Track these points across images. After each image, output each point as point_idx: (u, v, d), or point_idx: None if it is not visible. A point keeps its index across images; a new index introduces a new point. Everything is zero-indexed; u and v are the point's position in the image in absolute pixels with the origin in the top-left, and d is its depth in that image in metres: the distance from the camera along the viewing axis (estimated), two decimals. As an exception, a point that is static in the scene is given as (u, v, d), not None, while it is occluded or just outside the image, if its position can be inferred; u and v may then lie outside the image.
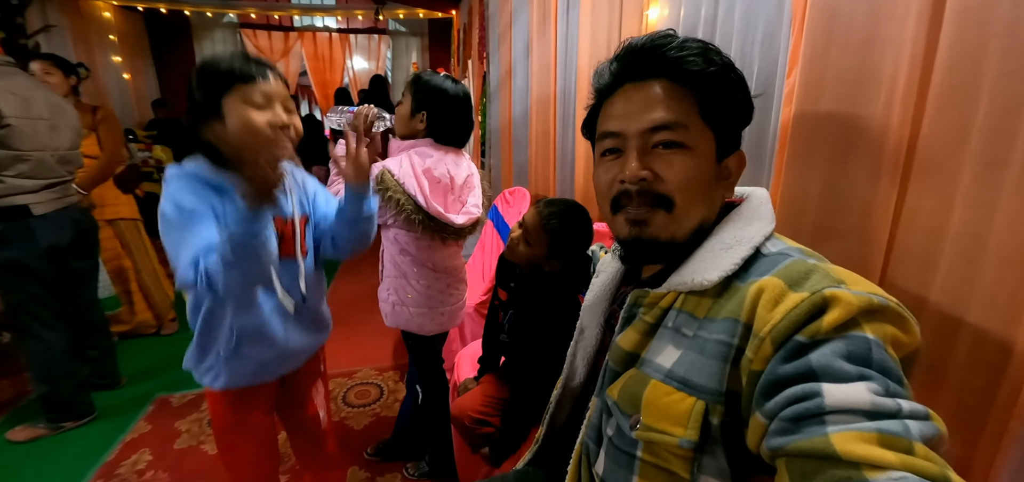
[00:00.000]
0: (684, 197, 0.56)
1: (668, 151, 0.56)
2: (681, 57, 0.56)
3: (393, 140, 1.37)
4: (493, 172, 3.14)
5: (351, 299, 3.20)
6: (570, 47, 1.72)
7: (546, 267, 1.12)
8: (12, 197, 1.69)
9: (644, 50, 0.58)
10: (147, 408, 2.09)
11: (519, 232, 1.14)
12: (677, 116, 0.55)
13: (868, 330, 0.43)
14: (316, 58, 7.12)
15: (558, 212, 1.10)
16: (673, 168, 0.56)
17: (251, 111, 0.88)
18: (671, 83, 0.57)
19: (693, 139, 0.56)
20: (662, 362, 0.56)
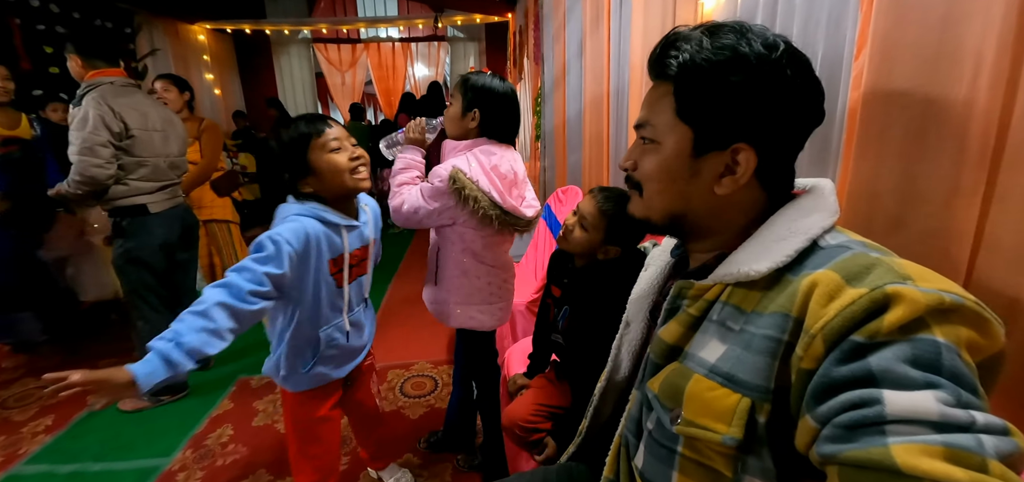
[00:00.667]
0: (648, 186, 0.62)
1: (645, 145, 0.61)
2: (664, 57, 0.57)
3: (446, 142, 1.41)
4: (547, 173, 3.14)
5: (409, 296, 3.34)
6: (623, 43, 1.69)
7: (601, 254, 1.12)
8: (134, 197, 1.98)
9: (652, 55, 0.61)
10: (230, 388, 2.31)
11: (574, 219, 1.15)
12: (648, 116, 0.60)
13: (938, 333, 0.39)
14: (380, 67, 7.51)
15: (614, 197, 1.11)
16: (644, 160, 0.61)
17: (332, 156, 1.11)
18: (662, 82, 0.59)
19: (660, 135, 0.59)
20: (706, 356, 0.55)
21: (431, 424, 2.00)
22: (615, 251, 1.11)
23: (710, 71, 0.53)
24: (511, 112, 1.35)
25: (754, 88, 0.52)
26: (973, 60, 0.60)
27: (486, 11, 5.81)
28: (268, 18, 6.61)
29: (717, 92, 0.54)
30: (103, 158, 1.83)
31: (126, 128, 1.89)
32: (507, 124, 1.36)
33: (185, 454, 1.87)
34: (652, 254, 0.83)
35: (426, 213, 1.32)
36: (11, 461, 1.86)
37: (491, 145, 1.35)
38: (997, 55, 0.58)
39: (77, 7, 4.13)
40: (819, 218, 0.54)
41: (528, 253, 2.44)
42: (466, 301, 1.43)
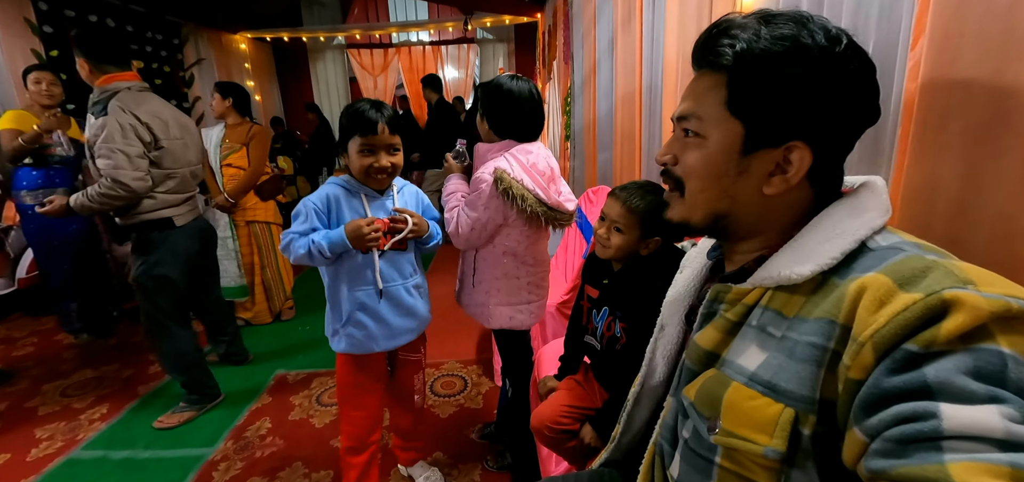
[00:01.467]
0: (691, 183, 0.58)
1: (688, 139, 0.58)
2: (714, 45, 0.54)
3: (478, 146, 1.43)
4: (576, 172, 3.11)
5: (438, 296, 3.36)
6: (656, 39, 1.65)
7: (643, 250, 1.10)
8: (161, 211, 1.89)
9: (698, 42, 0.57)
10: (268, 383, 2.39)
11: (605, 226, 1.12)
12: (693, 107, 0.57)
13: (1003, 342, 0.36)
14: (411, 70, 7.64)
15: (638, 189, 1.10)
16: (687, 155, 0.58)
17: (359, 156, 1.26)
18: (710, 72, 0.56)
19: (707, 129, 0.56)
20: (745, 364, 0.52)
21: (461, 423, 2.01)
22: (656, 242, 1.09)
23: (768, 62, 0.50)
24: (520, 107, 1.34)
25: (815, 83, 0.49)
26: (1049, 45, 0.55)
27: (515, 12, 5.82)
28: (304, 26, 6.83)
29: (775, 85, 0.51)
30: (142, 170, 1.75)
31: (155, 139, 1.81)
32: (517, 119, 1.35)
33: (226, 445, 1.94)
34: (688, 255, 0.80)
35: (481, 224, 1.34)
36: (70, 446, 1.99)
37: (524, 143, 1.35)
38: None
39: (131, 21, 4.38)
40: (869, 218, 0.50)
41: (558, 254, 2.42)
42: (506, 301, 1.45)
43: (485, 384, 2.29)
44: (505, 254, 1.41)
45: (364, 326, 1.33)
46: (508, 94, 1.33)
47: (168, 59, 4.87)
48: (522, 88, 1.34)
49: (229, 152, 2.74)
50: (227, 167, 2.75)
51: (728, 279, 0.61)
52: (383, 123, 1.23)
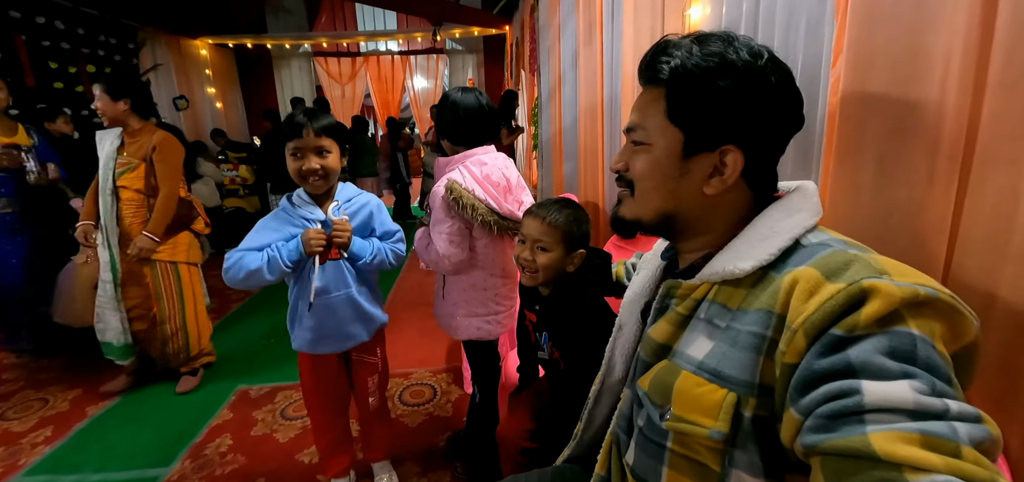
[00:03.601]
0: (640, 184, 0.64)
1: (636, 148, 0.64)
2: (655, 63, 0.60)
3: (438, 159, 1.46)
4: (543, 181, 3.17)
5: (408, 305, 3.36)
6: (615, 54, 1.73)
7: (570, 266, 1.11)
8: None
9: (642, 61, 0.63)
10: (230, 398, 2.32)
11: (528, 248, 1.10)
12: (639, 119, 0.63)
13: (913, 325, 0.41)
14: (379, 80, 7.60)
15: (554, 205, 1.10)
16: (635, 162, 0.64)
17: (290, 159, 1.29)
18: (653, 87, 0.62)
19: (651, 138, 0.61)
20: (694, 353, 0.57)
21: (430, 431, 2.01)
22: (581, 255, 1.10)
23: (700, 76, 0.56)
24: (469, 116, 1.39)
25: (741, 93, 0.56)
26: (942, 64, 0.63)
27: (483, 24, 5.89)
28: (269, 33, 6.70)
29: (706, 96, 0.57)
30: None
31: None
32: (468, 127, 1.40)
33: (184, 464, 1.87)
34: (644, 258, 0.85)
35: (454, 231, 1.36)
36: (10, 472, 1.86)
37: (479, 154, 1.39)
38: (963, 59, 0.60)
39: (82, 24, 4.20)
40: (802, 218, 0.56)
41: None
42: (474, 313, 1.47)
43: (455, 392, 2.29)
44: (473, 266, 1.44)
45: (310, 328, 1.39)
46: (454, 105, 1.39)
47: (122, 64, 4.68)
48: (467, 98, 1.40)
49: (125, 170, 2.11)
50: (124, 190, 2.13)
51: (679, 276, 0.66)
52: (309, 126, 1.26)
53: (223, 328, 3.19)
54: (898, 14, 0.67)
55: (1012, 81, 0.56)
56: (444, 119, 1.42)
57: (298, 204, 1.37)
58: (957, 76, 0.61)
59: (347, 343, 1.46)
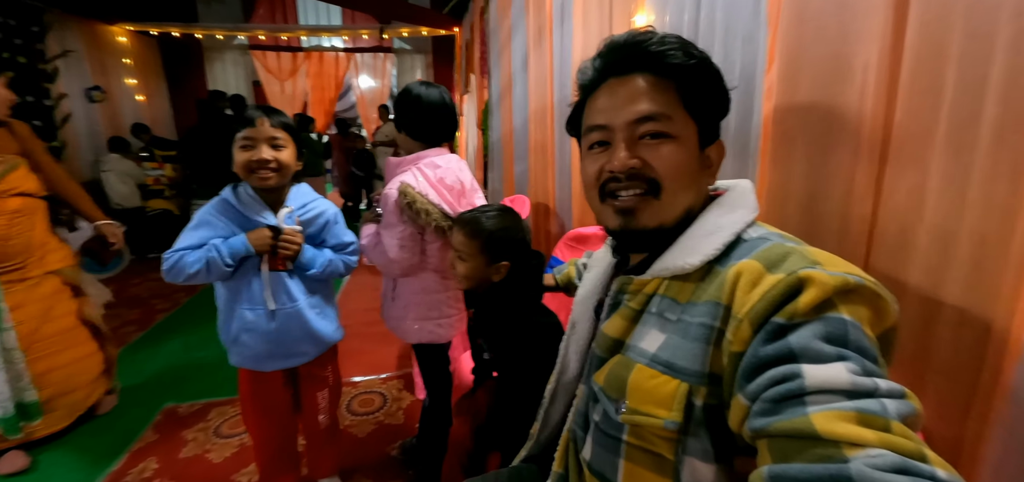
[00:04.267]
0: (672, 182, 0.59)
1: (655, 141, 0.59)
2: (662, 51, 0.58)
3: (389, 159, 1.42)
4: (494, 184, 3.18)
5: (355, 309, 3.23)
6: (565, 57, 1.76)
7: (495, 276, 1.08)
8: None
9: (626, 46, 0.61)
10: (154, 417, 2.12)
11: (453, 256, 1.12)
12: (662, 107, 0.58)
13: (844, 311, 0.44)
14: (321, 76, 7.29)
15: (482, 214, 1.09)
16: (660, 155, 0.58)
17: (239, 152, 1.20)
18: (654, 76, 0.59)
19: (677, 128, 0.58)
20: (647, 347, 0.58)
21: (381, 441, 1.94)
22: (505, 266, 1.08)
23: (707, 69, 0.60)
24: (433, 112, 1.36)
25: (723, 86, 0.61)
26: (860, 73, 0.69)
27: (433, 25, 5.82)
28: (201, 22, 6.24)
29: (713, 86, 0.60)
30: None
31: None
32: (431, 121, 1.37)
33: (100, 494, 1.69)
34: (594, 257, 0.86)
35: (405, 236, 1.31)
36: None
37: (432, 155, 1.36)
38: (878, 68, 0.66)
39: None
40: (742, 214, 0.59)
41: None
42: (425, 316, 1.43)
43: (406, 398, 2.23)
44: (426, 269, 1.41)
45: (250, 345, 1.28)
46: (417, 99, 1.35)
47: (24, 48, 4.17)
48: (432, 93, 1.36)
49: (6, 169, 1.68)
50: (10, 199, 1.69)
51: (631, 272, 0.67)
52: (263, 116, 1.20)
53: (147, 341, 2.93)
54: (822, 26, 0.73)
55: (921, 88, 0.63)
56: (405, 113, 1.37)
57: (246, 203, 1.25)
58: (873, 84, 0.67)
59: (294, 360, 1.37)
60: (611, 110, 0.61)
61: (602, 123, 0.62)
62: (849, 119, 0.71)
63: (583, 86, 0.68)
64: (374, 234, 1.41)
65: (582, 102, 0.68)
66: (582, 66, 0.67)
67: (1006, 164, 0.54)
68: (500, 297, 1.08)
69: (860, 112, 0.69)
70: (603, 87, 0.63)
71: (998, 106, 0.54)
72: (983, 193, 0.57)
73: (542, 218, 2.24)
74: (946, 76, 0.59)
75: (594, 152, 0.64)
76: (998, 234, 0.56)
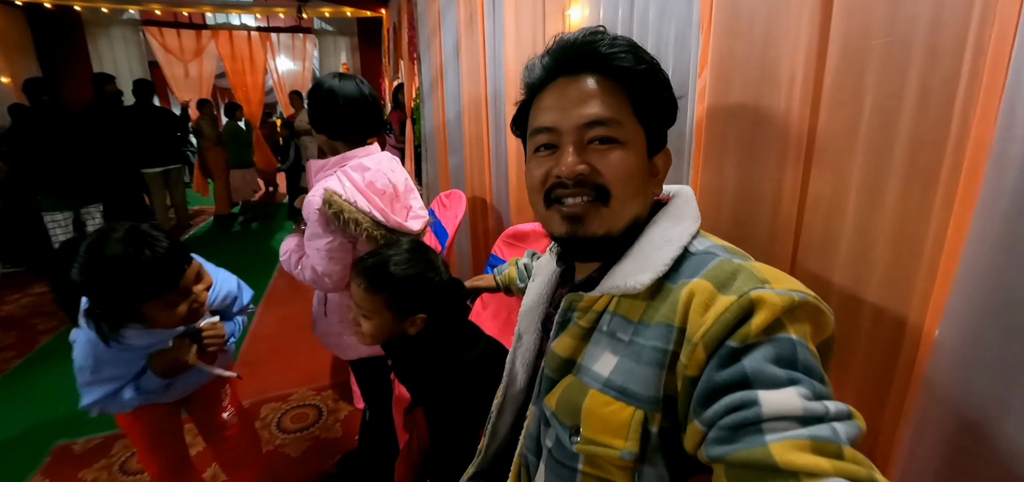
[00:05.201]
0: (621, 189, 0.56)
1: (604, 146, 0.56)
2: (612, 54, 0.56)
3: (311, 162, 1.29)
4: (429, 176, 3.07)
5: (282, 316, 3.01)
6: (498, 46, 1.70)
7: (409, 329, 0.92)
8: None
9: (577, 45, 0.58)
10: (45, 459, 1.84)
11: (355, 312, 0.93)
12: (612, 112, 0.56)
13: (792, 330, 0.44)
14: (234, 59, 6.66)
15: (377, 261, 0.91)
16: (610, 162, 0.55)
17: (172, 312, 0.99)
18: (604, 79, 0.56)
19: (627, 135, 0.56)
20: (599, 370, 0.56)
21: (318, 457, 1.82)
22: (421, 319, 0.91)
23: (657, 73, 0.57)
24: (351, 108, 1.23)
25: (671, 93, 0.59)
26: (787, 78, 0.70)
27: (357, 5, 5.48)
28: (77, -6, 5.42)
29: (661, 93, 0.58)
30: None
31: None
32: (350, 121, 1.25)
33: (-28, 560, 1.43)
34: (538, 264, 0.83)
35: (334, 247, 1.20)
36: None
37: (359, 156, 1.25)
38: (804, 74, 0.68)
39: None
40: (687, 225, 0.58)
41: (415, 260, 2.34)
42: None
43: (343, 409, 2.11)
44: None
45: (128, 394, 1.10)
46: (331, 95, 1.22)
47: None
48: (348, 87, 1.23)
49: None
50: None
51: (578, 287, 0.64)
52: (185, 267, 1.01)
53: (29, 368, 2.54)
54: (751, 30, 0.74)
55: (840, 94, 0.65)
56: (320, 112, 1.23)
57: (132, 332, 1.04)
58: (799, 89, 0.69)
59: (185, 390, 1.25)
60: (559, 112, 0.58)
61: (549, 125, 0.58)
62: (776, 123, 0.73)
63: (530, 85, 0.64)
64: (295, 248, 1.28)
65: (529, 101, 0.64)
66: (529, 63, 0.63)
67: (921, 168, 0.58)
68: (419, 350, 0.93)
69: (787, 116, 0.71)
70: (552, 87, 0.60)
71: (914, 113, 0.57)
72: (899, 196, 0.60)
73: (480, 214, 2.19)
74: (866, 85, 0.61)
75: (540, 155, 0.60)
76: (912, 235, 0.60)
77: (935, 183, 0.57)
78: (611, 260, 0.60)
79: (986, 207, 0.51)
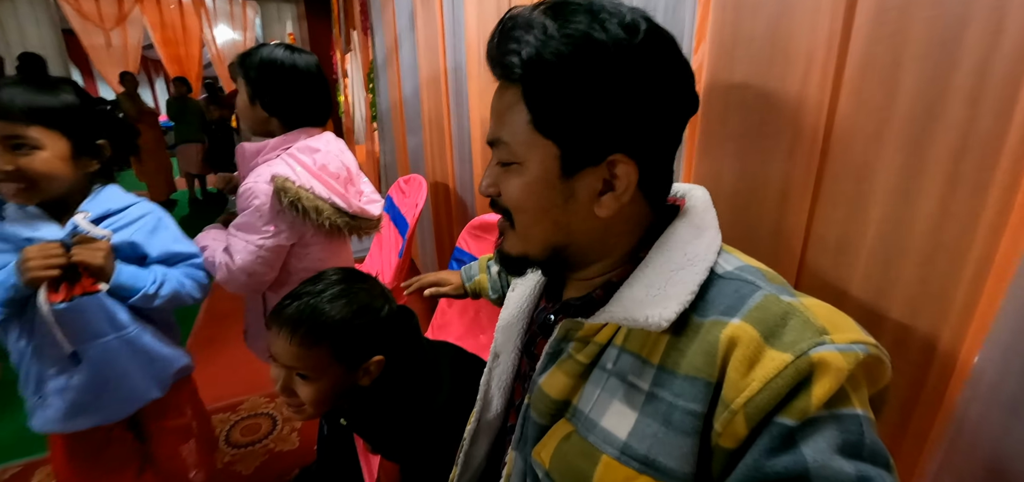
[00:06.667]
0: (520, 216, 0.50)
1: (504, 168, 0.50)
2: (503, 53, 0.44)
3: (244, 145, 1.10)
4: (387, 157, 2.86)
5: (221, 320, 2.75)
6: (458, 16, 1.53)
7: (364, 380, 0.76)
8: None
9: (490, 44, 0.47)
10: (-57, 501, 1.60)
11: (284, 378, 0.73)
12: (499, 131, 0.48)
13: (856, 402, 0.36)
14: (164, 27, 6.05)
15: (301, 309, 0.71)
16: (508, 186, 0.49)
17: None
18: (507, 84, 0.47)
19: (521, 154, 0.47)
20: (612, 429, 0.44)
21: (273, 473, 1.67)
22: (377, 362, 0.76)
23: (564, 68, 0.42)
24: (312, 86, 1.09)
25: (618, 84, 0.42)
26: (805, 57, 0.60)
27: (300, -33, 5.04)
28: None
29: (577, 95, 0.42)
30: None
31: None
32: (312, 101, 1.10)
33: None
34: None
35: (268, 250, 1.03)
36: None
37: (307, 139, 1.09)
38: (825, 54, 0.57)
39: None
40: (710, 239, 0.47)
41: (373, 251, 2.18)
42: None
43: (298, 420, 1.95)
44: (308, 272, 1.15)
45: (60, 396, 0.95)
46: (293, 70, 1.05)
47: None
48: (309, 62, 1.08)
49: None
50: None
51: (575, 311, 0.53)
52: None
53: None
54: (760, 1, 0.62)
55: (867, 81, 0.55)
56: (272, 88, 1.06)
57: (14, 217, 0.90)
58: (819, 71, 0.59)
59: (127, 407, 1.02)
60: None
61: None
62: (788, 107, 0.62)
63: None
64: (212, 235, 1.12)
65: None
66: None
67: (968, 170, 0.48)
68: (379, 401, 0.78)
69: (801, 100, 0.61)
70: None
71: (964, 103, 0.47)
72: (938, 201, 0.51)
73: (442, 202, 2.03)
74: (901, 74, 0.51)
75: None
76: (952, 248, 0.51)
77: (985, 189, 0.47)
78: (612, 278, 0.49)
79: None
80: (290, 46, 1.09)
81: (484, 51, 0.49)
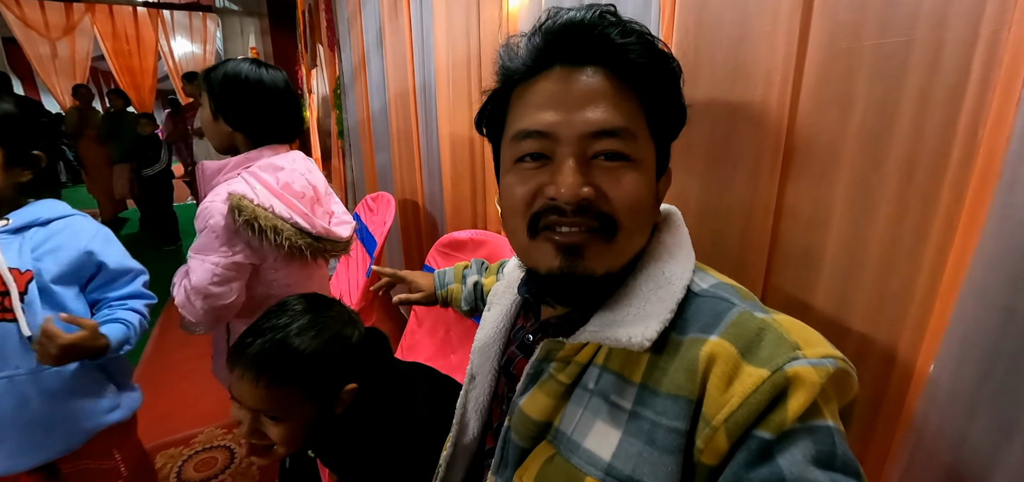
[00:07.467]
0: (632, 221, 0.44)
1: (612, 164, 0.43)
2: (627, 45, 0.43)
3: (205, 164, 1.05)
4: (354, 174, 2.81)
5: (176, 344, 2.59)
6: (426, 33, 1.52)
7: (339, 408, 0.72)
8: None
9: (584, 25, 0.43)
10: None
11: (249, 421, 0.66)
12: (627, 121, 0.43)
13: (828, 415, 0.37)
14: (116, 38, 5.78)
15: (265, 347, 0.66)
16: (622, 186, 0.43)
17: None
18: (613, 77, 0.44)
19: (641, 152, 0.44)
20: (595, 449, 0.43)
21: (225, 512, 1.56)
22: (350, 391, 0.72)
23: (675, 73, 0.46)
24: (281, 102, 1.06)
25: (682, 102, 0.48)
26: (764, 77, 0.62)
27: (265, -19, 4.94)
28: None
29: (678, 96, 0.47)
30: None
31: None
32: (275, 119, 1.07)
33: None
34: (495, 291, 0.69)
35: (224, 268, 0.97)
36: None
37: (272, 156, 1.05)
38: (783, 74, 0.60)
39: None
40: (685, 258, 0.47)
41: (339, 272, 2.11)
42: None
43: (259, 446, 1.85)
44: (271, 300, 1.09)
45: None
46: (259, 85, 1.01)
47: None
48: (277, 78, 1.05)
49: None
50: None
51: (556, 330, 0.51)
52: None
53: None
54: (720, 23, 0.65)
55: (823, 99, 0.57)
56: (236, 103, 1.01)
57: None
58: (777, 89, 0.61)
59: (36, 456, 0.91)
60: (558, 112, 0.44)
61: (543, 129, 0.44)
62: (750, 124, 0.65)
63: (510, 71, 0.48)
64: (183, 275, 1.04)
65: (506, 93, 0.50)
66: (509, 42, 0.49)
67: (919, 184, 0.51)
68: (352, 430, 0.74)
69: (763, 117, 0.63)
70: (544, 77, 0.46)
71: (912, 121, 0.50)
72: (892, 214, 0.53)
73: (412, 219, 2.00)
74: (854, 92, 0.54)
75: (525, 167, 0.46)
76: (906, 258, 0.53)
77: (935, 201, 0.50)
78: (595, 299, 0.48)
79: (995, 231, 0.44)
80: (257, 61, 1.05)
81: (453, 69, 0.48)
